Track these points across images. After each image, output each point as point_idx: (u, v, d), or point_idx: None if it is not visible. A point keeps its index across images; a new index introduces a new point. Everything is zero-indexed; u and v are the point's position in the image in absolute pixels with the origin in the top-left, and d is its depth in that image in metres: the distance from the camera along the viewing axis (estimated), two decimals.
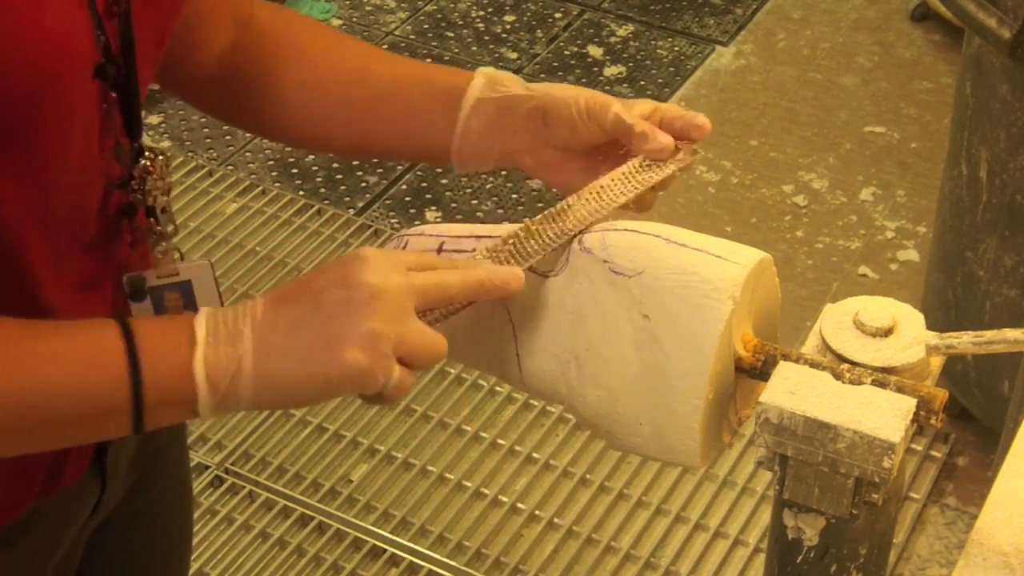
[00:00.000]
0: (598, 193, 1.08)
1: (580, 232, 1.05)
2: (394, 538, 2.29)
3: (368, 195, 2.99)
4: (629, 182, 1.10)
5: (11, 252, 0.96)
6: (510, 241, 1.03)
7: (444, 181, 3.02)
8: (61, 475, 1.07)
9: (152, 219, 1.07)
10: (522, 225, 1.05)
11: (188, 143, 3.09)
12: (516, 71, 3.34)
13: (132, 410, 0.91)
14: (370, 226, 2.89)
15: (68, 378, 0.90)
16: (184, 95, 1.22)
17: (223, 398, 0.91)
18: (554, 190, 1.17)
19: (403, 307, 0.92)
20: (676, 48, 3.43)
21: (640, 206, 1.13)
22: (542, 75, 3.32)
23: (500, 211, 2.93)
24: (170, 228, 1.09)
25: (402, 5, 3.56)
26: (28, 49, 0.89)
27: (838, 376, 0.98)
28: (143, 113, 1.05)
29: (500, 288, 0.97)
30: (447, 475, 2.39)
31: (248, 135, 3.11)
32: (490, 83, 1.14)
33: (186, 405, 0.91)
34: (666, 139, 1.11)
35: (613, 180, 1.10)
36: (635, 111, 1.12)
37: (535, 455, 2.43)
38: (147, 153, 1.06)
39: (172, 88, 1.20)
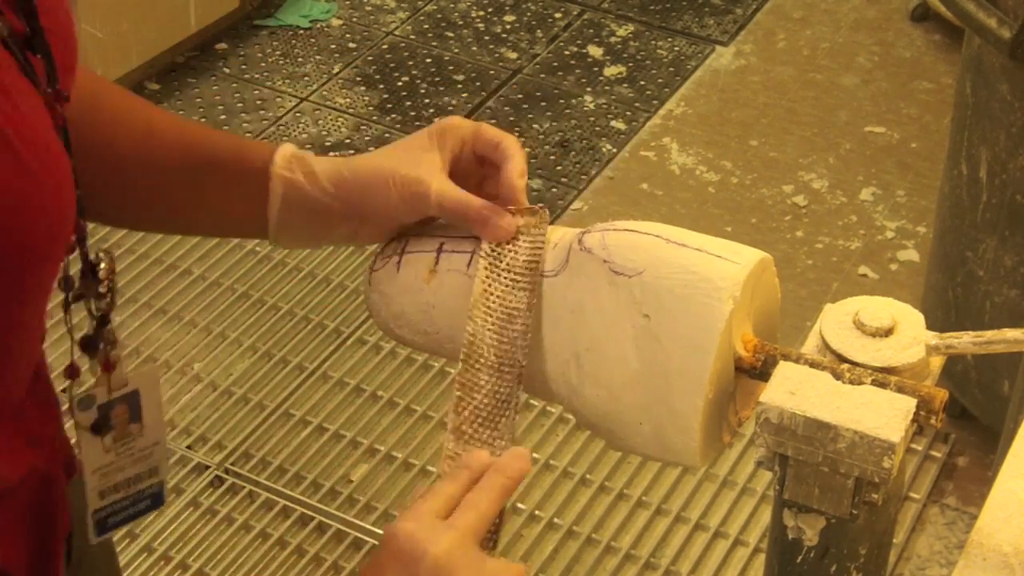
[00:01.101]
0: (487, 305, 1.03)
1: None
2: None
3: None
4: (503, 275, 1.04)
5: None
6: (463, 411, 1.00)
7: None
8: None
9: (105, 327, 1.03)
10: (457, 387, 1.01)
11: None
12: (516, 71, 3.34)
13: None
14: None
15: None
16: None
17: None
18: (553, 190, 1.13)
19: (475, 556, 0.89)
20: (676, 48, 3.43)
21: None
22: (542, 75, 3.33)
23: None
24: (113, 334, 1.04)
25: (402, 5, 3.56)
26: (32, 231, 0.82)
27: (838, 376, 0.98)
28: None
29: (518, 479, 0.94)
30: None
31: (250, 135, 3.11)
32: (288, 163, 1.05)
33: None
34: (504, 223, 1.04)
35: (486, 281, 1.04)
36: (449, 155, 1.04)
37: (535, 455, 2.43)
38: (101, 256, 1.01)
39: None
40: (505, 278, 1.04)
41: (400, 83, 3.29)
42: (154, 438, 1.04)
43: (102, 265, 1.00)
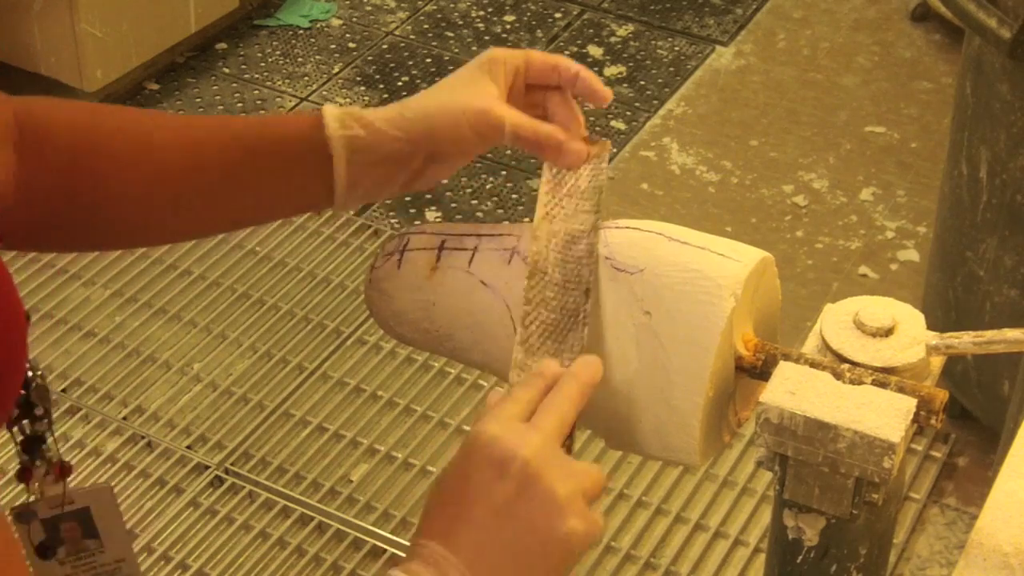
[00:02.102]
0: (549, 231, 1.04)
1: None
2: (394, 538, 2.29)
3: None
4: (565, 200, 1.05)
5: None
6: (530, 325, 1.01)
7: (444, 181, 3.02)
8: None
9: (43, 446, 1.00)
10: (524, 301, 1.02)
11: None
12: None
13: None
14: (370, 226, 2.89)
15: None
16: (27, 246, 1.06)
17: None
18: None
19: (562, 458, 0.89)
20: (676, 48, 3.43)
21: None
22: None
23: (500, 211, 2.93)
24: (50, 454, 1.01)
25: (402, 5, 3.56)
26: None
27: (838, 376, 0.98)
28: None
29: (593, 384, 0.94)
30: None
31: None
32: (344, 121, 1.03)
33: None
34: (577, 147, 1.04)
35: (548, 205, 1.05)
36: (502, 80, 1.03)
37: None
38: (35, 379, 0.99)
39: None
40: (567, 203, 1.04)
41: (400, 83, 3.29)
42: (118, 554, 1.03)
43: (34, 385, 0.98)
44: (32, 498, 1.00)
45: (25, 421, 0.99)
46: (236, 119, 1.07)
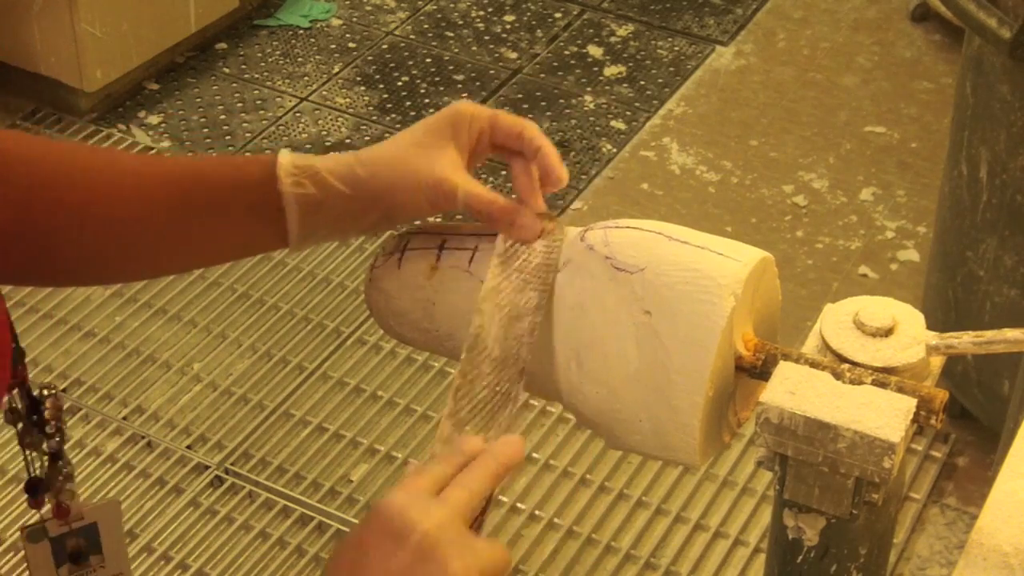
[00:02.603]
0: (495, 303, 1.03)
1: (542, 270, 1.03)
2: None
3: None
4: (514, 275, 1.04)
5: None
6: (461, 400, 1.00)
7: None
8: None
9: (59, 461, 1.01)
10: (459, 374, 1.01)
11: (188, 143, 3.09)
12: (516, 71, 3.34)
13: None
14: None
15: None
16: None
17: None
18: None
19: (463, 534, 0.88)
20: (676, 48, 3.43)
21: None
22: (542, 75, 3.33)
23: None
24: (66, 469, 1.02)
25: (402, 5, 3.56)
26: None
27: (838, 376, 0.98)
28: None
29: (511, 466, 0.93)
30: None
31: (248, 135, 3.11)
32: (295, 178, 1.01)
33: None
34: (530, 223, 1.03)
35: (497, 278, 1.04)
36: (465, 144, 1.02)
37: (535, 455, 2.43)
38: (46, 391, 0.99)
39: None
40: (516, 278, 1.04)
41: (400, 83, 3.29)
42: (116, 568, 1.04)
43: (47, 404, 0.98)
44: (45, 514, 1.01)
45: (37, 435, 0.99)
46: (191, 164, 1.04)
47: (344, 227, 1.04)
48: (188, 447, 2.42)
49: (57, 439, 1.00)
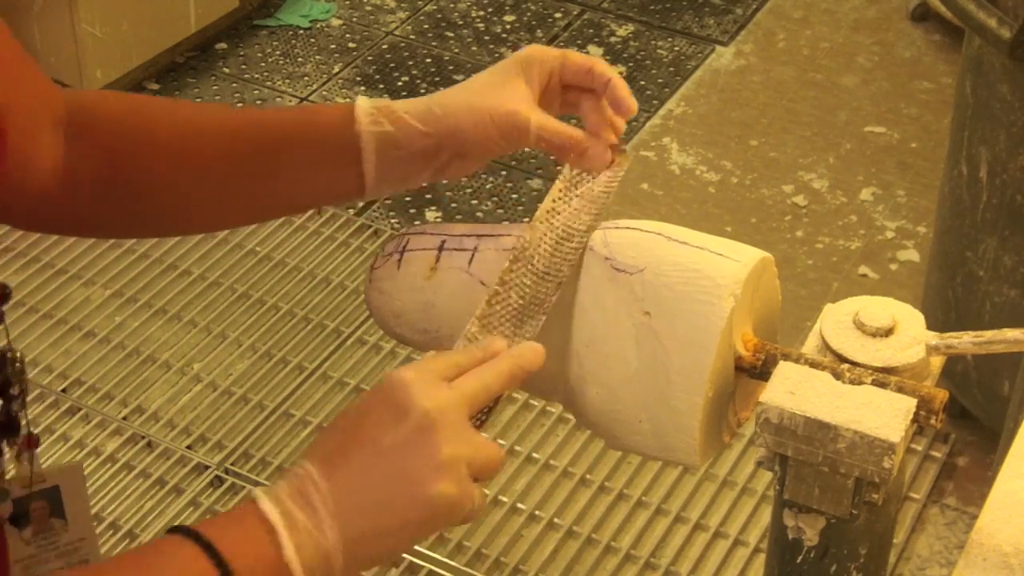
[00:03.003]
0: (550, 221, 1.06)
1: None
2: None
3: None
4: (575, 201, 1.07)
5: None
6: (496, 304, 1.01)
7: (444, 181, 3.01)
8: None
9: (9, 418, 1.01)
10: (498, 281, 1.03)
11: None
12: None
13: None
14: (370, 226, 2.89)
15: None
16: (11, 221, 1.07)
17: None
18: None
19: (462, 423, 0.89)
20: (676, 48, 3.43)
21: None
22: None
23: (500, 211, 2.93)
24: (29, 431, 1.03)
25: (402, 5, 3.56)
26: None
27: (838, 376, 0.98)
28: None
29: (529, 369, 0.94)
30: None
31: None
32: (374, 115, 1.05)
33: None
34: (599, 152, 1.07)
35: (557, 201, 1.07)
36: (536, 81, 1.05)
37: (535, 455, 2.43)
38: (8, 363, 1.01)
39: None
40: (577, 203, 1.06)
41: (400, 83, 3.29)
42: (80, 533, 1.05)
43: (12, 365, 1.00)
44: (8, 475, 1.02)
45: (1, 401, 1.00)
46: (272, 111, 1.09)
47: (418, 167, 1.06)
48: (188, 447, 2.42)
49: (20, 401, 1.01)
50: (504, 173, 3.04)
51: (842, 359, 1.00)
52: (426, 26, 3.49)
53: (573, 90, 1.09)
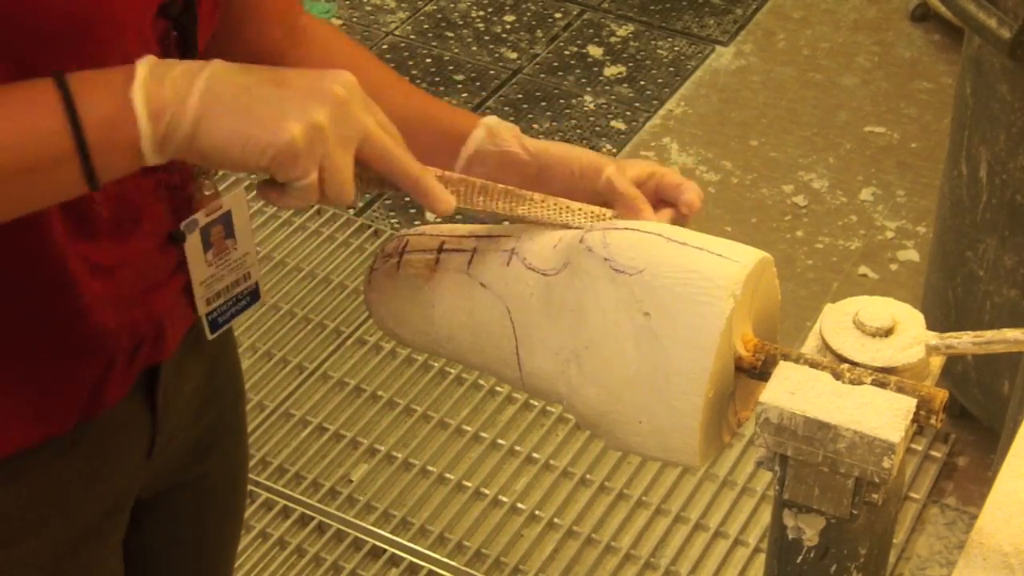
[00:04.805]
0: (561, 209, 1.10)
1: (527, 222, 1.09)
2: (394, 538, 2.29)
3: (368, 195, 2.99)
4: (593, 219, 1.11)
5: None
6: (461, 185, 1.07)
7: None
8: (104, 393, 1.09)
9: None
10: (483, 181, 1.08)
11: None
12: (516, 71, 3.34)
13: (77, 151, 0.91)
14: (370, 226, 2.89)
15: (6, 130, 0.90)
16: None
17: (164, 136, 0.91)
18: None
19: (351, 131, 0.94)
20: (676, 48, 3.43)
21: None
22: (542, 75, 3.33)
23: None
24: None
25: (402, 5, 3.56)
26: None
27: (838, 376, 0.98)
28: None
29: (426, 198, 1.01)
30: (447, 475, 2.39)
31: None
32: (491, 135, 1.15)
33: (130, 144, 0.91)
34: (649, 215, 1.14)
35: (581, 211, 1.11)
36: (629, 173, 1.15)
37: (535, 455, 2.43)
38: None
39: None
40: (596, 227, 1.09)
41: None
42: (245, 249, 1.16)
43: None
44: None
45: None
46: (425, 99, 1.20)
47: (502, 181, 1.14)
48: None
49: None
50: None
51: (842, 359, 1.00)
52: (426, 26, 3.49)
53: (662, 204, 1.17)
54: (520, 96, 3.26)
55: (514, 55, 3.40)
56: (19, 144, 0.90)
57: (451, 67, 3.35)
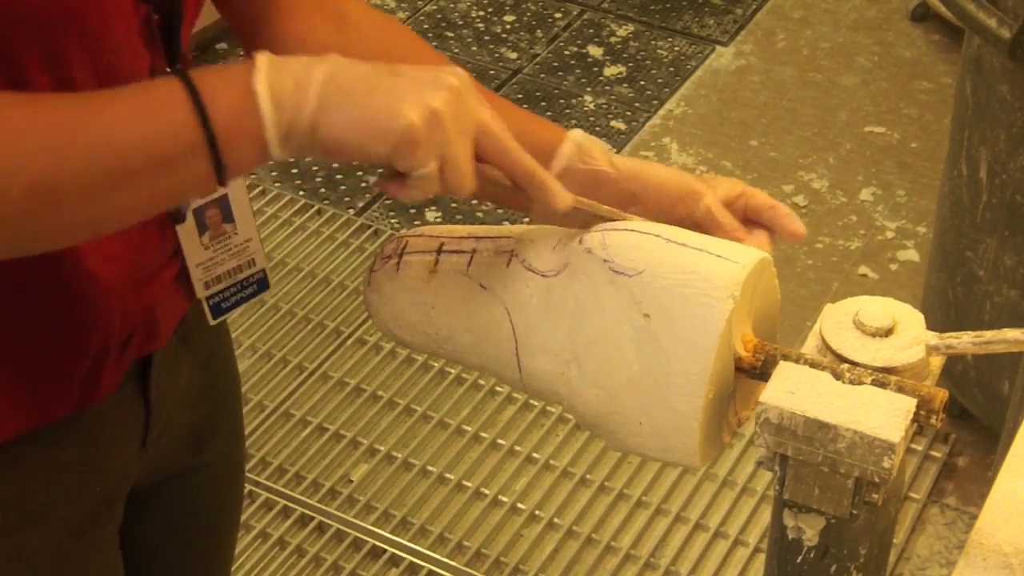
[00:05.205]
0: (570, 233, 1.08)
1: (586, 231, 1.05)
2: (394, 538, 2.29)
3: (368, 195, 2.99)
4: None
5: None
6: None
7: None
8: (97, 381, 1.09)
9: None
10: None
11: None
12: (516, 71, 3.34)
13: (206, 142, 0.90)
14: (370, 226, 2.89)
15: (136, 127, 0.90)
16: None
17: (288, 126, 0.91)
18: None
19: (467, 125, 0.93)
20: (676, 48, 3.43)
21: None
22: (542, 75, 3.33)
23: (500, 211, 2.93)
24: None
25: (402, 5, 3.56)
26: None
27: (838, 376, 0.98)
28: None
29: (544, 192, 0.98)
30: (447, 475, 2.39)
31: None
32: (579, 152, 1.13)
33: (255, 134, 0.91)
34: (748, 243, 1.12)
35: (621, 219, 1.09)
36: (719, 193, 1.14)
37: (535, 455, 2.43)
38: None
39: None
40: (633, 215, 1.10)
41: None
42: (247, 235, 1.17)
43: None
44: None
45: None
46: (505, 103, 1.17)
47: (589, 193, 1.11)
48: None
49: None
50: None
51: (842, 359, 1.00)
52: (426, 26, 3.49)
53: (752, 223, 1.16)
54: (520, 96, 3.26)
55: (514, 55, 3.40)
56: (150, 140, 0.90)
57: None
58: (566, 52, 3.41)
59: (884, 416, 0.94)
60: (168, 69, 1.04)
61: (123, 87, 0.93)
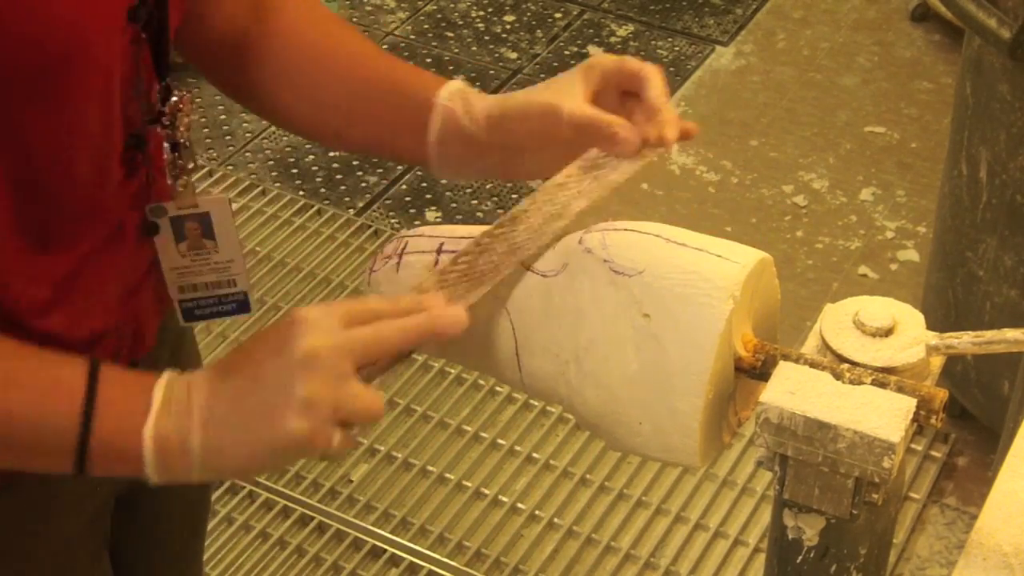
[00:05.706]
0: (551, 196, 1.07)
1: (534, 242, 1.05)
2: (394, 538, 2.29)
3: (368, 195, 2.99)
4: (587, 181, 1.08)
5: (37, 192, 0.99)
6: (460, 261, 1.02)
7: (444, 181, 3.02)
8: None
9: (176, 153, 1.12)
10: (472, 240, 1.04)
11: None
12: (516, 71, 3.34)
13: (75, 456, 0.93)
14: (370, 226, 2.89)
15: (24, 407, 0.92)
16: (194, 60, 1.22)
17: (171, 467, 0.93)
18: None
19: (339, 369, 0.91)
20: (676, 48, 3.43)
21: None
22: (542, 75, 3.32)
23: (500, 211, 2.93)
24: (191, 165, 1.13)
25: (402, 5, 3.56)
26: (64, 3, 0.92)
27: (838, 376, 0.98)
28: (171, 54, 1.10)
29: (442, 335, 0.96)
30: (447, 475, 2.39)
31: (248, 135, 3.11)
32: (445, 121, 1.12)
33: (132, 464, 0.93)
34: (628, 137, 1.08)
35: (569, 177, 1.08)
36: (593, 82, 1.09)
37: (535, 455, 2.43)
38: (175, 91, 1.10)
39: (184, 51, 1.21)
40: (587, 184, 1.07)
41: None
42: (229, 255, 1.17)
43: (172, 99, 1.10)
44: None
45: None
46: (395, 64, 1.17)
47: (474, 153, 1.11)
48: None
49: (179, 130, 1.12)
50: (509, 185, 3.03)
51: (842, 359, 1.00)
52: (426, 26, 3.49)
53: (630, 96, 1.11)
54: None
55: (514, 55, 3.40)
56: (29, 425, 0.93)
57: (451, 67, 3.35)
58: (566, 52, 3.41)
59: (884, 416, 0.94)
60: (159, 83, 1.07)
61: (38, 353, 0.94)
